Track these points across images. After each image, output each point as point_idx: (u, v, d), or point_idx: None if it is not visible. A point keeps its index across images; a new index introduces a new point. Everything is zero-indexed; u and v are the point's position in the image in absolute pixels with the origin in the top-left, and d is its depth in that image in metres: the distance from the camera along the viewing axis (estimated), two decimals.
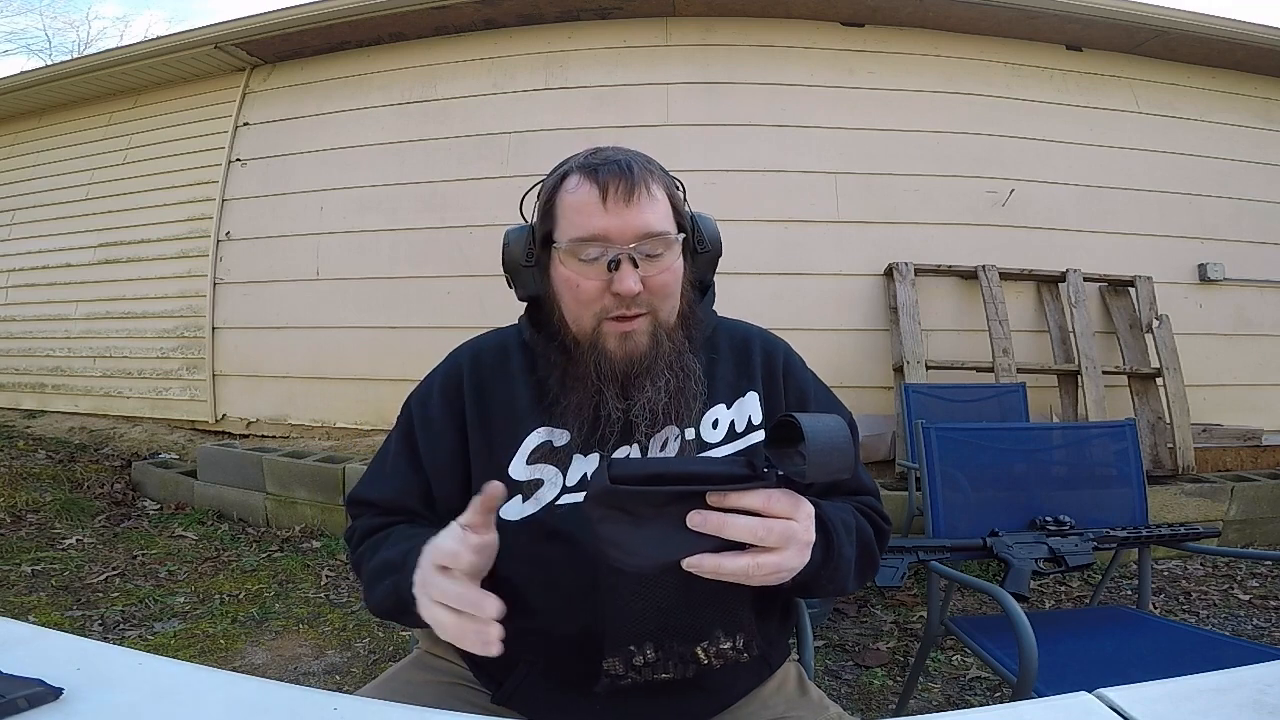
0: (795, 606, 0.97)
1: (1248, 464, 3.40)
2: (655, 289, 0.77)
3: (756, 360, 0.87)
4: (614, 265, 0.74)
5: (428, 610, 0.63)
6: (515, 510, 0.78)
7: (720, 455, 0.81)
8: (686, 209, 0.83)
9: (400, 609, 0.71)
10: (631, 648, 0.72)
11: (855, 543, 0.79)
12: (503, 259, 0.84)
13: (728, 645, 0.73)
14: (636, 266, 0.75)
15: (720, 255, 0.87)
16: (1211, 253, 3.76)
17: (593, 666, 0.72)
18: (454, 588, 0.62)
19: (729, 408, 0.83)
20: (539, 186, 0.83)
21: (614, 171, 0.75)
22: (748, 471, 0.61)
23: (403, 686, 0.83)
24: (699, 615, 0.71)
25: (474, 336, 0.92)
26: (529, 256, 0.81)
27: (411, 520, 0.83)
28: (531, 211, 0.84)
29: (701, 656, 0.72)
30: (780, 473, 0.62)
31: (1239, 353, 3.74)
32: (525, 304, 0.87)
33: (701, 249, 0.84)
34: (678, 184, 0.84)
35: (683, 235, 0.79)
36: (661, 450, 0.79)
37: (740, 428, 0.82)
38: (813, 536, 0.65)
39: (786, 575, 0.63)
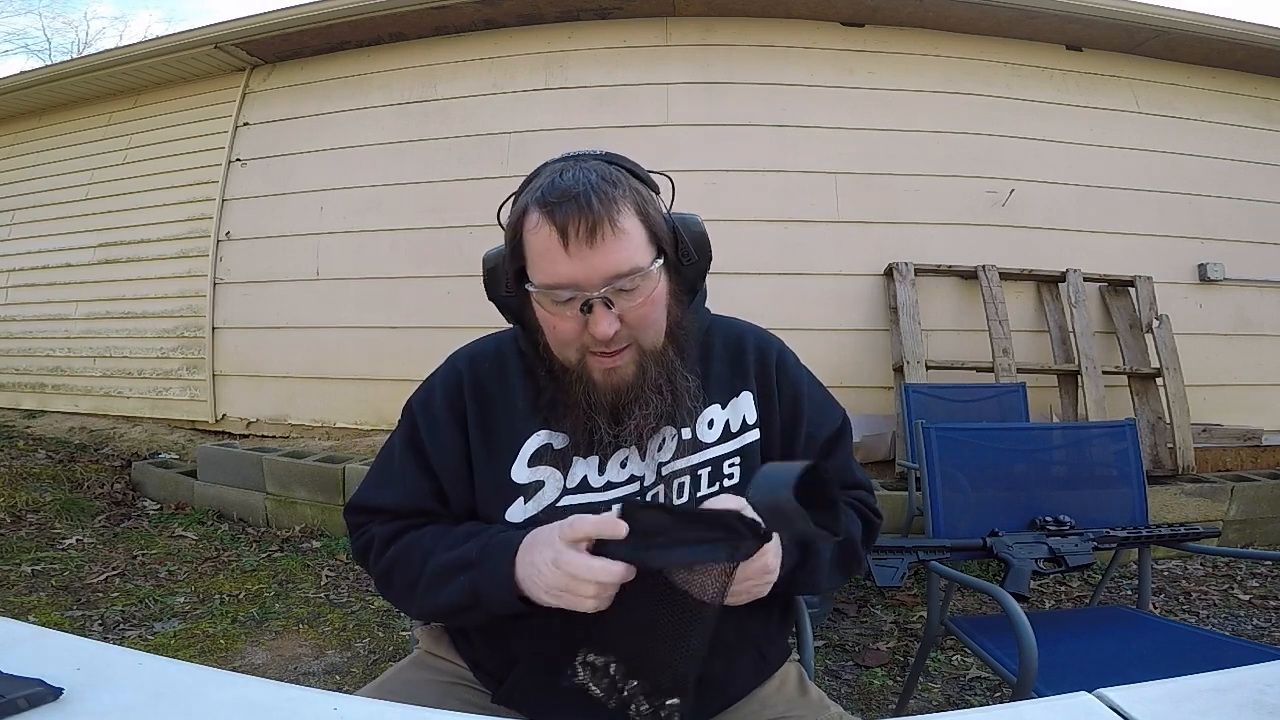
0: (795, 606, 0.97)
1: (1248, 464, 3.40)
2: (634, 322, 0.74)
3: (750, 359, 0.87)
4: (587, 309, 0.71)
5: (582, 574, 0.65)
6: (518, 512, 0.79)
7: (721, 453, 0.82)
8: (666, 219, 0.77)
9: (472, 604, 0.73)
10: (592, 654, 0.70)
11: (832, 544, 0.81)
12: (484, 285, 0.83)
13: (658, 701, 0.68)
14: (611, 306, 0.71)
15: (710, 261, 0.82)
16: (1211, 253, 3.75)
17: (569, 661, 0.72)
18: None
19: (724, 408, 0.84)
20: (512, 200, 0.79)
21: (572, 210, 0.69)
22: (746, 531, 0.67)
23: (403, 686, 0.83)
24: (650, 654, 0.69)
25: (469, 342, 0.92)
26: (507, 288, 0.80)
27: (431, 521, 0.82)
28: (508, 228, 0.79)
29: (625, 695, 0.69)
30: (766, 530, 0.67)
31: (1239, 353, 3.74)
32: None
33: (686, 261, 0.79)
34: (656, 188, 0.79)
35: (659, 261, 0.74)
36: (659, 450, 0.80)
37: (735, 427, 0.83)
38: (760, 563, 0.69)
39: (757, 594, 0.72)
